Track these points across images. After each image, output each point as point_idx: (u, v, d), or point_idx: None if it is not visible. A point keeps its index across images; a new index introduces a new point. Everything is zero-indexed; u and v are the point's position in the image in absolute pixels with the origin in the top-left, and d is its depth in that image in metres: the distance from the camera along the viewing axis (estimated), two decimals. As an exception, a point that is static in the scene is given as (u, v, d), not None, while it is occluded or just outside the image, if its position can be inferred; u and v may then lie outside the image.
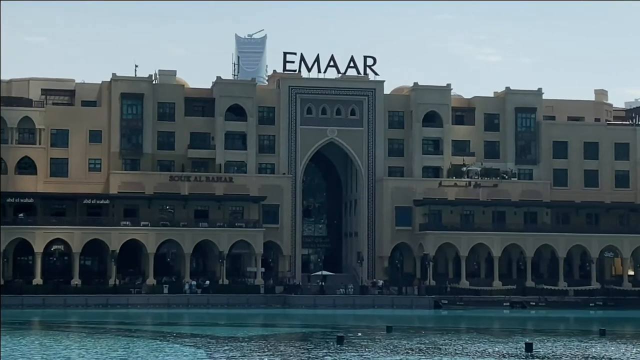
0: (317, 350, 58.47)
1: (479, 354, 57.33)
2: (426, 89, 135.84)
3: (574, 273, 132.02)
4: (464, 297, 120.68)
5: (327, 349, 59.10)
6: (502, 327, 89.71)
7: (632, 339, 73.16)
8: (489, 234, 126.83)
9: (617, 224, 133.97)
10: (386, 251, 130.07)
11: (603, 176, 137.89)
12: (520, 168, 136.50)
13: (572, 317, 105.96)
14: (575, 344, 65.32)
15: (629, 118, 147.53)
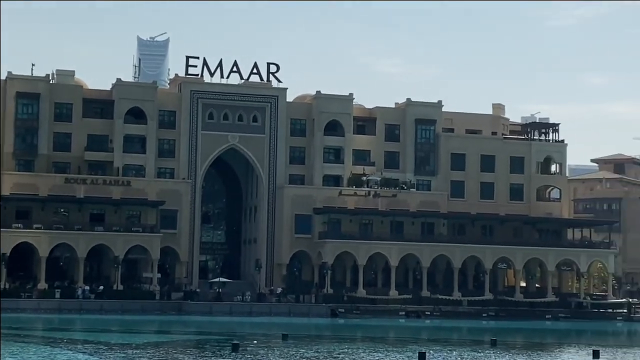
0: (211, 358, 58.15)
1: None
2: (328, 97, 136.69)
3: (469, 283, 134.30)
4: (360, 306, 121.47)
5: (222, 356, 58.83)
6: (397, 337, 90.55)
7: (523, 349, 74.62)
8: (387, 244, 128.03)
9: (511, 236, 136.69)
10: (285, 259, 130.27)
11: (498, 189, 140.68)
12: (419, 179, 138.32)
13: (465, 327, 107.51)
14: (468, 354, 66.32)
15: (524, 133, 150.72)
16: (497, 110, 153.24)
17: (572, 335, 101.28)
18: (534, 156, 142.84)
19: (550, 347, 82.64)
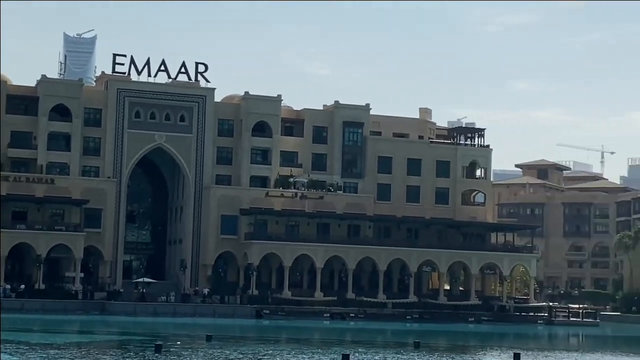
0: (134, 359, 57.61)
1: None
2: (256, 98, 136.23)
3: (393, 286, 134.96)
4: (285, 308, 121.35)
5: (145, 358, 58.32)
6: (321, 338, 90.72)
7: (446, 352, 75.36)
8: (313, 245, 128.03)
9: (436, 239, 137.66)
10: (210, 259, 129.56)
11: (424, 192, 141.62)
12: (346, 181, 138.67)
13: (389, 329, 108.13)
14: (392, 356, 66.74)
15: (450, 137, 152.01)
16: (424, 115, 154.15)
17: (494, 338, 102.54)
18: (459, 160, 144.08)
19: (473, 350, 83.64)
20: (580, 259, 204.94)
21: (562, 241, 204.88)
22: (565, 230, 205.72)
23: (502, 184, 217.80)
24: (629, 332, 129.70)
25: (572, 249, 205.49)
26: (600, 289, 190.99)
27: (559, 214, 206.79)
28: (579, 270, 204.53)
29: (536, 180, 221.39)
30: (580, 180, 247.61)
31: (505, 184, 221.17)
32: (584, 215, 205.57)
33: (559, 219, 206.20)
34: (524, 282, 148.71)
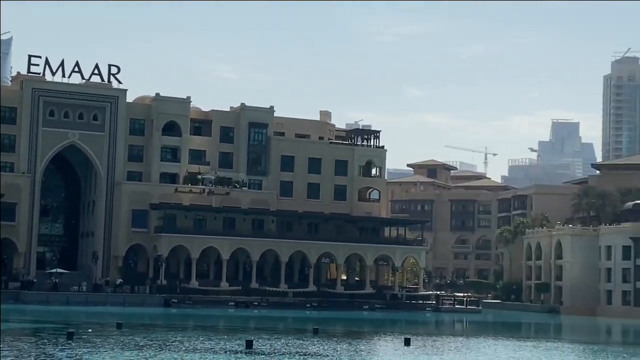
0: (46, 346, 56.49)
1: (204, 350, 57.45)
2: (167, 100, 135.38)
3: (294, 276, 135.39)
4: (193, 297, 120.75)
5: (57, 344, 57.24)
6: (227, 325, 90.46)
7: (343, 337, 75.89)
8: (220, 238, 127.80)
9: (334, 233, 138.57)
10: (121, 251, 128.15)
11: (324, 189, 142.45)
12: (251, 178, 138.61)
13: (290, 316, 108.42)
14: (292, 342, 66.92)
15: (348, 138, 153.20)
16: (324, 117, 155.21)
17: (387, 324, 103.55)
18: (356, 160, 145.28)
19: (367, 335, 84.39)
20: (465, 251, 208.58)
21: (449, 235, 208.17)
22: (452, 225, 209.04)
23: (395, 182, 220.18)
24: (507, 318, 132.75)
25: (457, 242, 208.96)
26: (483, 278, 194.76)
27: (447, 210, 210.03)
28: (464, 261, 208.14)
29: (426, 179, 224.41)
30: (465, 179, 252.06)
31: (398, 182, 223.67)
32: (468, 211, 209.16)
33: (446, 215, 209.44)
34: (414, 272, 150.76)
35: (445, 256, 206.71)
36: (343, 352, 60.39)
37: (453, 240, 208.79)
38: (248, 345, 59.20)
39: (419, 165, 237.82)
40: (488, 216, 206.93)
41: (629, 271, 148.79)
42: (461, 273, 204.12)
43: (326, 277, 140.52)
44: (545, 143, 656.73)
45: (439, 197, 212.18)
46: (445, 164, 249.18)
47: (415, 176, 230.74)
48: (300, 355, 56.92)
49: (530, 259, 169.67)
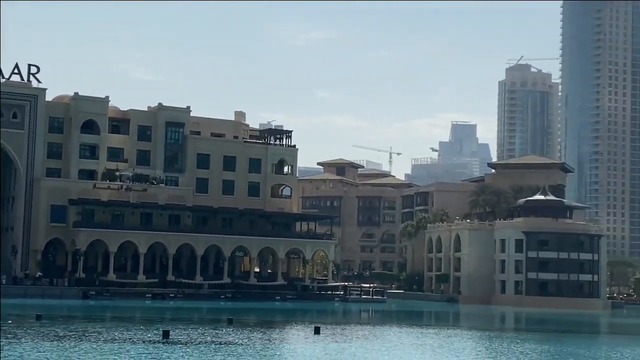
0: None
1: (122, 340, 56.59)
2: (86, 99, 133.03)
3: (209, 269, 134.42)
4: (110, 289, 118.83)
5: (-23, 336, 55.58)
6: (144, 316, 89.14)
7: (256, 327, 75.65)
8: (137, 233, 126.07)
9: (248, 227, 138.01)
10: (40, 245, 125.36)
11: (238, 186, 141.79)
12: (168, 175, 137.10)
13: (205, 307, 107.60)
14: (207, 331, 66.46)
15: (262, 137, 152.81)
16: (238, 117, 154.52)
17: (297, 314, 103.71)
18: (269, 158, 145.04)
19: (280, 325, 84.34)
20: (371, 244, 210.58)
21: (356, 229, 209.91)
22: (359, 220, 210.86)
23: (306, 179, 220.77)
24: (410, 307, 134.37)
25: (364, 236, 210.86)
26: (387, 270, 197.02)
27: (354, 205, 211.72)
28: (370, 254, 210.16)
29: (335, 176, 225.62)
30: (372, 177, 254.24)
31: (309, 179, 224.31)
32: (374, 207, 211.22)
33: (354, 210, 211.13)
34: (323, 265, 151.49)
35: (353, 249, 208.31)
36: (256, 341, 60.23)
37: (360, 235, 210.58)
38: (165, 335, 58.55)
39: (328, 163, 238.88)
40: (392, 212, 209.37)
41: (521, 263, 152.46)
42: (367, 265, 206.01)
43: (240, 270, 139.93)
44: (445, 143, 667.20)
45: (346, 194, 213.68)
46: (352, 162, 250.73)
47: (325, 174, 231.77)
48: (215, 344, 56.54)
49: (431, 252, 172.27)
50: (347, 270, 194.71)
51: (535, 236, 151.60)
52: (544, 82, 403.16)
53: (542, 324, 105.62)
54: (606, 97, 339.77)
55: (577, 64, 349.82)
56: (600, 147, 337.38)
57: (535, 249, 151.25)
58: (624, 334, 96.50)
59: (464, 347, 64.54)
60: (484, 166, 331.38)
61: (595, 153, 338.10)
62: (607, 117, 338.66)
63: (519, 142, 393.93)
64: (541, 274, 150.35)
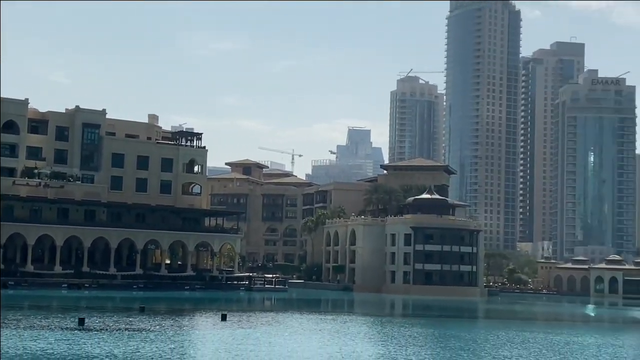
0: None
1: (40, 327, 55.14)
2: (6, 100, 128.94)
3: (123, 261, 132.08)
4: (28, 279, 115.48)
5: None
6: (61, 305, 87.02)
7: (166, 314, 74.81)
8: (54, 227, 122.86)
9: (160, 222, 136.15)
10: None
11: (151, 184, 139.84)
12: (84, 173, 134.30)
13: (118, 296, 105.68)
14: (121, 319, 65.35)
15: (174, 139, 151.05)
16: (152, 120, 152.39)
17: (206, 302, 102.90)
18: (180, 158, 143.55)
19: (189, 312, 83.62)
20: (274, 238, 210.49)
21: (261, 224, 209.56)
22: (263, 216, 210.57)
23: (215, 178, 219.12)
24: (310, 296, 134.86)
25: (268, 231, 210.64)
26: (289, 262, 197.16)
27: (259, 202, 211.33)
28: (273, 247, 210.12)
29: (241, 175, 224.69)
30: (275, 177, 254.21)
31: (217, 178, 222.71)
32: (278, 204, 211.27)
33: (259, 207, 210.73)
34: (230, 257, 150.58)
35: (257, 243, 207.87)
36: (168, 328, 59.58)
37: (264, 229, 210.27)
38: (80, 322, 57.38)
39: (236, 164, 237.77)
40: (294, 208, 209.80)
41: (409, 255, 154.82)
42: (271, 257, 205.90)
43: (152, 262, 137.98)
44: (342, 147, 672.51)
45: (252, 192, 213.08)
46: (258, 163, 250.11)
47: (232, 173, 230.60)
48: (129, 331, 55.68)
49: (329, 245, 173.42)
50: (252, 262, 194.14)
51: (421, 231, 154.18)
52: (430, 92, 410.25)
53: (428, 310, 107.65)
54: (484, 107, 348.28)
55: (459, 77, 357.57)
56: (479, 152, 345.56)
57: (422, 243, 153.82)
58: (499, 318, 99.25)
59: (359, 331, 65.27)
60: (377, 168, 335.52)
61: (475, 157, 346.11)
62: (485, 125, 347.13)
63: (408, 146, 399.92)
64: (427, 265, 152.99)
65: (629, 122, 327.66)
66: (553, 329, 78.36)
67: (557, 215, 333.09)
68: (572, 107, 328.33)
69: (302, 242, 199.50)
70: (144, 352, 43.93)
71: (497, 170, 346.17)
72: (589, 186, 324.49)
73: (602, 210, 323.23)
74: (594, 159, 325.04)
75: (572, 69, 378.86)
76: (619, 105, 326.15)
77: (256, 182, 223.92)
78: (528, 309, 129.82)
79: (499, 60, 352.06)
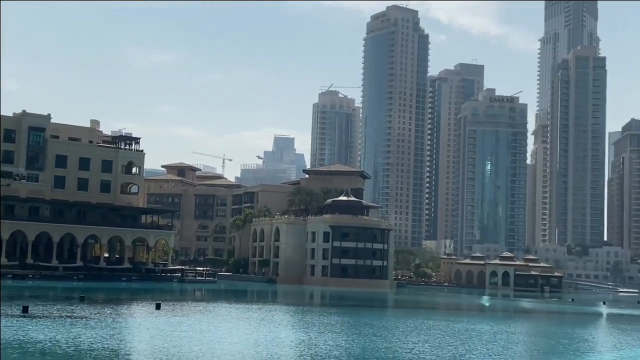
0: None
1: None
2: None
3: (65, 254, 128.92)
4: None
5: None
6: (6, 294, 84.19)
7: (104, 303, 73.44)
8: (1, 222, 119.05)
9: (100, 219, 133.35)
10: None
11: (92, 183, 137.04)
12: (30, 173, 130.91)
13: (60, 286, 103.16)
14: (63, 307, 63.87)
15: (114, 142, 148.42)
16: (93, 125, 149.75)
17: (141, 292, 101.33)
18: (119, 160, 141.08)
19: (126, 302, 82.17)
20: (205, 234, 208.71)
21: (193, 222, 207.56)
22: (196, 214, 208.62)
23: (151, 179, 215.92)
24: (237, 287, 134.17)
25: (200, 228, 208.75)
26: (219, 256, 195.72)
27: (192, 202, 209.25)
28: (204, 242, 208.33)
29: (176, 177, 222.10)
30: (207, 179, 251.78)
31: (154, 179, 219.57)
32: (209, 203, 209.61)
33: (192, 206, 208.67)
34: (164, 251, 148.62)
35: (190, 238, 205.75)
36: (106, 316, 58.49)
37: (196, 226, 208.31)
38: (24, 310, 55.90)
39: (170, 166, 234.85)
40: (224, 208, 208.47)
41: (327, 251, 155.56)
42: (202, 252, 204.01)
43: (91, 255, 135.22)
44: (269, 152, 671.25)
45: (185, 192, 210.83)
46: (191, 166, 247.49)
47: (167, 175, 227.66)
48: (70, 318, 54.47)
49: (255, 241, 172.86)
50: (184, 256, 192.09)
51: (339, 229, 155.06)
52: (348, 105, 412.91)
53: (343, 300, 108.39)
54: (396, 120, 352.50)
55: (375, 92, 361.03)
56: (390, 159, 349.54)
57: (339, 240, 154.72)
58: (407, 307, 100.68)
59: (282, 319, 65.34)
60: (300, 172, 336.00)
61: (387, 164, 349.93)
62: (397, 136, 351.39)
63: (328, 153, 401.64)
64: (343, 260, 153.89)
65: (521, 135, 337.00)
66: (454, 317, 79.98)
67: (458, 217, 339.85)
68: (472, 121, 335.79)
69: (230, 238, 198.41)
70: (85, 338, 43.07)
71: (406, 176, 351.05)
72: (485, 191, 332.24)
73: (497, 212, 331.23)
74: (490, 168, 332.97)
75: (472, 87, 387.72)
76: (512, 121, 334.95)
77: (189, 183, 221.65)
78: (432, 299, 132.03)
79: (410, 78, 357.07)
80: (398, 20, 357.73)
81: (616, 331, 71.37)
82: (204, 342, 44.47)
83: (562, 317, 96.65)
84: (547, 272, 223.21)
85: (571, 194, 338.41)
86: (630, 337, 64.72)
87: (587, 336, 63.37)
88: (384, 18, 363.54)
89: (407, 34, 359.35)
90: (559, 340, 56.84)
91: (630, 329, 75.38)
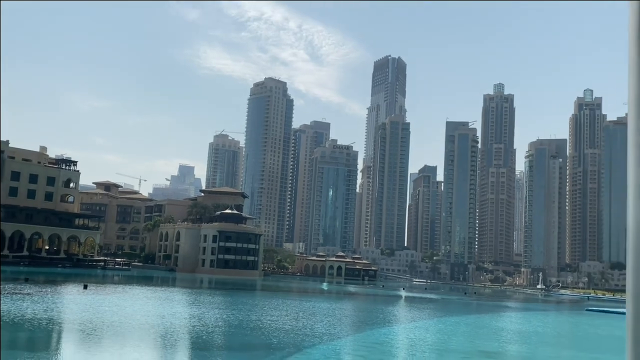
0: None
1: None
2: None
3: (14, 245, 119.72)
4: None
5: None
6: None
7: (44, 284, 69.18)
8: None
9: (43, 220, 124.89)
10: None
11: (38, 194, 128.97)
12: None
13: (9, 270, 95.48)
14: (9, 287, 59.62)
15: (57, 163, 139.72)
16: (42, 150, 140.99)
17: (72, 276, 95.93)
18: (61, 177, 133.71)
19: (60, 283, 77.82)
20: (124, 235, 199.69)
21: (115, 225, 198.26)
22: (117, 219, 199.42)
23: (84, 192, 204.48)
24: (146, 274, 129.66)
25: (119, 230, 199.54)
26: (133, 251, 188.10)
27: (114, 210, 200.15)
28: (123, 241, 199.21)
29: (103, 191, 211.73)
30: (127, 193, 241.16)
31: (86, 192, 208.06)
32: (127, 212, 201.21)
33: (114, 213, 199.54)
34: (92, 246, 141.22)
35: (111, 237, 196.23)
36: (46, 293, 55.39)
37: (117, 228, 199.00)
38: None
39: (100, 183, 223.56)
40: (139, 215, 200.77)
41: (215, 249, 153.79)
42: (120, 247, 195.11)
43: (35, 247, 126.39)
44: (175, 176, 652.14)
45: (110, 203, 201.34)
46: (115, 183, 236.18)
47: (97, 189, 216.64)
48: (17, 295, 51.19)
49: (161, 241, 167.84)
50: (107, 250, 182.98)
51: (224, 234, 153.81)
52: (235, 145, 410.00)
53: (225, 285, 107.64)
54: (269, 157, 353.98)
55: (254, 137, 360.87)
56: (263, 185, 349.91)
57: (224, 241, 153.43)
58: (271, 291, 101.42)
59: (181, 298, 64.44)
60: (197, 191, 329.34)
61: (261, 188, 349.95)
62: (269, 168, 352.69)
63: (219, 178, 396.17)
64: (226, 256, 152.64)
65: (353, 172, 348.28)
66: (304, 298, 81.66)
67: (309, 226, 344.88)
68: (321, 161, 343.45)
69: (142, 238, 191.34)
70: (29, 310, 40.89)
71: (274, 197, 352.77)
72: (328, 209, 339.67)
73: (335, 224, 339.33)
74: (332, 194, 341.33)
75: (322, 138, 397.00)
76: (348, 162, 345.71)
77: (113, 196, 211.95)
78: (288, 285, 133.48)
79: (279, 128, 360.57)
80: (272, 88, 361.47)
81: (411, 308, 75.77)
82: (120, 315, 43.40)
83: (376, 298, 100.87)
84: (367, 267, 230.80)
85: (385, 213, 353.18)
86: (421, 312, 69.01)
87: (393, 310, 66.93)
88: (263, 85, 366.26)
89: (278, 97, 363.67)
90: (375, 314, 59.71)
91: (421, 307, 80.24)
